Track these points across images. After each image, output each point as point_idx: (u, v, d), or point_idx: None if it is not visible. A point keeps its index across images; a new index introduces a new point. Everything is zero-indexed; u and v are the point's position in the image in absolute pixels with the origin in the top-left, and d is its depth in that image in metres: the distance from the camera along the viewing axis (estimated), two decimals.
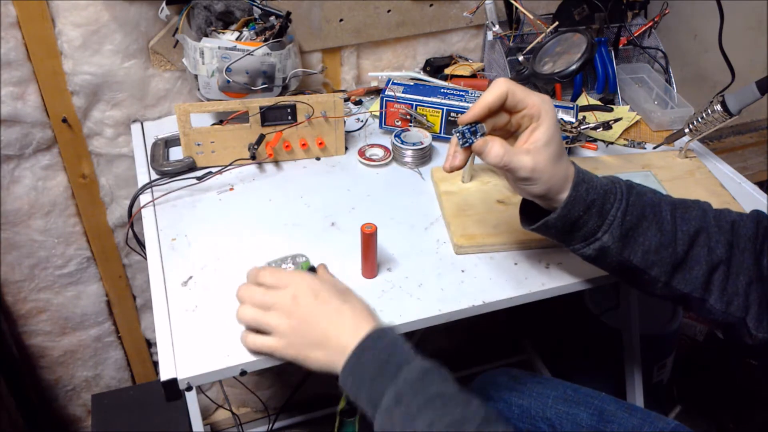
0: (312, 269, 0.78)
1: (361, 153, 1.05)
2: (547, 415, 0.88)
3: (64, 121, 1.09)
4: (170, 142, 1.06)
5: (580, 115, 1.02)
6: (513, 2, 1.14)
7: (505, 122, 0.67)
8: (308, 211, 0.94)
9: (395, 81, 1.11)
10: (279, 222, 0.92)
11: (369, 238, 0.77)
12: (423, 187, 0.99)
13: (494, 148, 0.64)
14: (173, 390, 0.69)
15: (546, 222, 0.67)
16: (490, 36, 1.21)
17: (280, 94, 1.05)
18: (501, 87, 0.64)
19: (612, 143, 1.10)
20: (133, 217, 0.95)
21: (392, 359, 0.60)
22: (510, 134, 0.69)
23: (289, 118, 1.00)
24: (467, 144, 0.66)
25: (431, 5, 1.20)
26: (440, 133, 1.08)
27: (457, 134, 0.66)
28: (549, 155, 0.64)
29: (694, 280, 0.68)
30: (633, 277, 0.70)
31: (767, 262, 0.67)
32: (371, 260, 0.79)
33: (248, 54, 0.99)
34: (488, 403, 0.89)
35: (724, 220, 0.69)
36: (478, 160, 0.99)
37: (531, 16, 1.13)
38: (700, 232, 0.68)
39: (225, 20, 1.06)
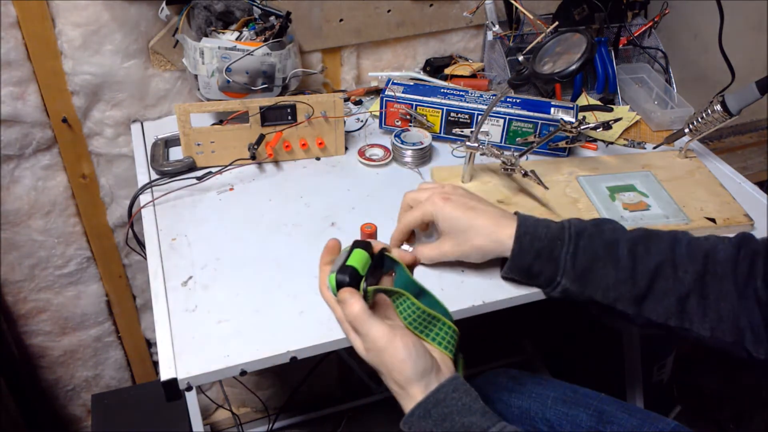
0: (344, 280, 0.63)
1: (361, 153, 1.05)
2: (547, 416, 0.88)
3: (64, 121, 1.09)
4: (170, 142, 1.06)
5: (580, 115, 1.02)
6: (513, 2, 1.14)
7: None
8: (308, 211, 0.94)
9: (395, 81, 1.11)
10: (279, 222, 0.92)
11: (369, 238, 0.77)
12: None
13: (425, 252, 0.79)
14: (173, 390, 0.69)
15: (503, 273, 0.77)
16: (490, 36, 1.21)
17: (280, 94, 1.05)
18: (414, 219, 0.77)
19: (612, 143, 1.10)
20: (133, 217, 0.95)
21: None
22: None
23: (289, 118, 1.00)
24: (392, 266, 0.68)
25: (431, 5, 1.20)
26: (440, 133, 1.08)
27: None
28: (456, 234, 0.75)
29: (665, 310, 0.69)
30: (606, 313, 0.73)
31: (761, 284, 0.66)
32: None
33: (248, 54, 0.99)
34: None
35: (697, 249, 0.70)
36: (478, 160, 1.00)
37: (531, 16, 1.13)
38: (663, 265, 0.69)
39: (225, 20, 1.06)
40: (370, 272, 0.64)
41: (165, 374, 0.69)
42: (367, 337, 0.61)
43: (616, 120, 1.02)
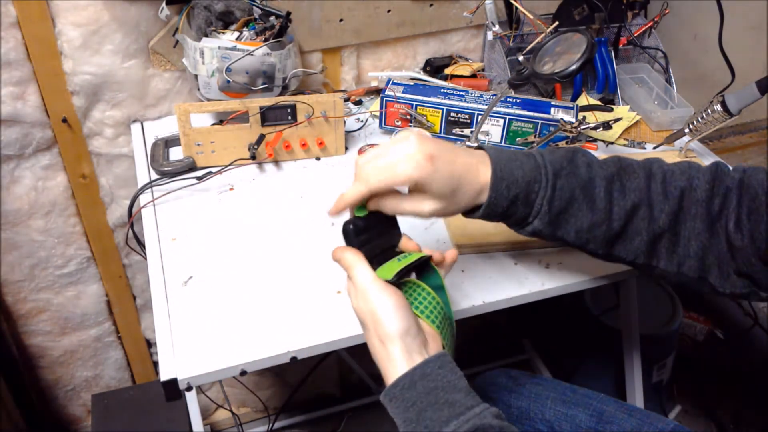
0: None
1: (361, 153, 1.05)
2: (546, 416, 0.88)
3: (64, 121, 1.09)
4: (170, 142, 1.06)
5: (580, 115, 1.02)
6: (513, 2, 1.14)
7: None
8: (308, 211, 0.94)
9: (395, 81, 1.11)
10: (279, 222, 0.92)
11: None
12: None
13: (386, 201, 0.64)
14: (173, 390, 0.69)
15: (474, 215, 0.68)
16: (490, 36, 1.21)
17: (280, 94, 1.05)
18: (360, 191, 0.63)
19: (612, 143, 1.10)
20: (133, 217, 0.95)
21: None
22: None
23: (289, 118, 1.00)
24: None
25: (431, 5, 1.20)
26: (440, 133, 1.08)
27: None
28: (446, 191, 0.63)
29: (635, 249, 0.68)
30: (574, 248, 0.71)
31: (733, 226, 0.66)
32: None
33: (248, 54, 0.99)
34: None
35: (673, 185, 0.68)
36: None
37: (531, 16, 1.13)
38: (640, 205, 0.67)
39: (225, 20, 1.06)
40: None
41: (165, 374, 0.69)
42: (357, 285, 0.61)
43: (616, 120, 1.02)
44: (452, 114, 1.06)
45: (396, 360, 0.58)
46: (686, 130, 1.03)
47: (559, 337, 1.71)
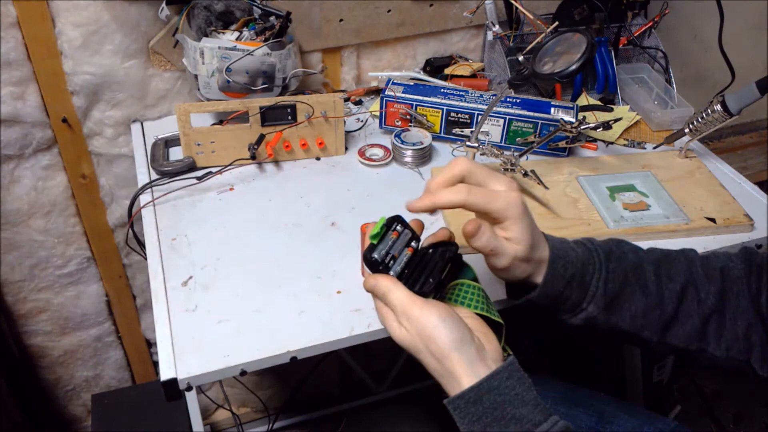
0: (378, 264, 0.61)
1: (361, 153, 1.05)
2: None
3: (64, 121, 1.09)
4: (170, 142, 1.06)
5: (580, 115, 1.02)
6: (513, 2, 1.14)
7: None
8: (308, 211, 0.94)
9: (395, 81, 1.11)
10: (279, 222, 0.92)
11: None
12: (423, 187, 0.99)
13: (486, 232, 0.61)
14: (173, 390, 0.69)
15: (528, 299, 0.66)
16: (490, 36, 1.21)
17: (280, 94, 1.05)
18: (458, 168, 0.63)
19: (612, 143, 1.10)
20: (133, 217, 0.95)
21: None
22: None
23: (289, 118, 1.00)
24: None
25: (431, 5, 1.20)
26: (440, 133, 1.08)
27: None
28: (528, 245, 0.62)
29: (688, 334, 0.67)
30: (626, 340, 0.70)
31: (766, 300, 0.66)
32: None
33: (248, 54, 0.99)
34: None
35: (711, 267, 0.69)
36: (478, 159, 0.99)
37: (531, 16, 1.13)
38: (688, 287, 0.67)
39: (225, 20, 1.06)
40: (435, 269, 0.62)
41: (165, 374, 0.69)
42: (396, 308, 0.57)
43: (616, 120, 1.02)
44: (452, 114, 1.06)
45: (456, 373, 0.56)
46: (686, 130, 1.03)
47: (559, 337, 1.70)
